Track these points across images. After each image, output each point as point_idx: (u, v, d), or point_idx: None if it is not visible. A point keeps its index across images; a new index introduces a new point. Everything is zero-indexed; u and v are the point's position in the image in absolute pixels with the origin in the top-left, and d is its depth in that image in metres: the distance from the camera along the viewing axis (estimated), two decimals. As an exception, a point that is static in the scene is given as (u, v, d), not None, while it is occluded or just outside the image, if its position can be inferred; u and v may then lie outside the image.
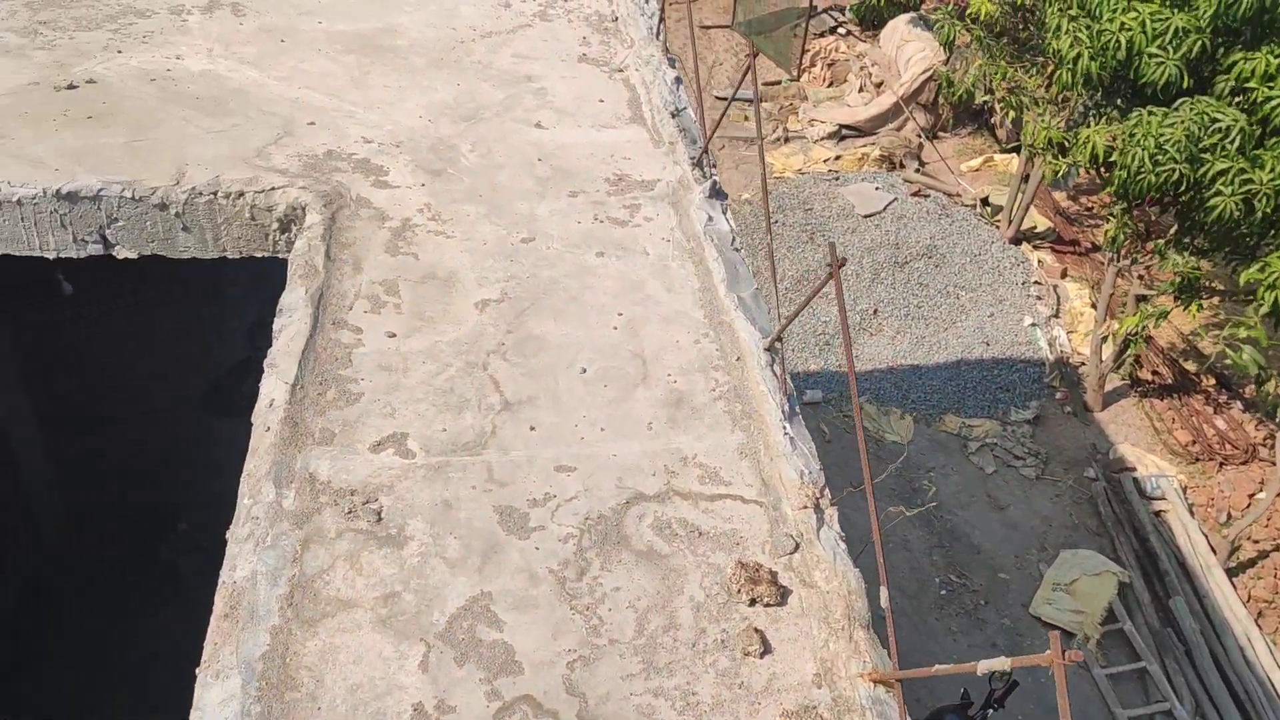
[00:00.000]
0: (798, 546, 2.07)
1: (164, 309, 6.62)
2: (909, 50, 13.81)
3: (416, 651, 1.86)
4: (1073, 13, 7.89)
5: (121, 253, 2.99)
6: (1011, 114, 9.97)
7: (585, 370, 2.46)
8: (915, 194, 11.35)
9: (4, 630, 5.90)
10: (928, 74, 13.40)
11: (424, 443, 2.25)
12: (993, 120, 12.35)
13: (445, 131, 3.28)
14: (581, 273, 2.75)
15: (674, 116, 3.38)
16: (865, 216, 10.49)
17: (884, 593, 1.74)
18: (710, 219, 2.94)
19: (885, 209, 10.85)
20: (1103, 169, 7.96)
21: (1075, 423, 8.90)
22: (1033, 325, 9.53)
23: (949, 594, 7.25)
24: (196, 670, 1.84)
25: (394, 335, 2.51)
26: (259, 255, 3.03)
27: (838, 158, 12.25)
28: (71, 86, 3.31)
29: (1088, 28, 7.76)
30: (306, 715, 1.75)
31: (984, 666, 1.52)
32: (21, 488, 5.87)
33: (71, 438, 6.03)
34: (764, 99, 13.33)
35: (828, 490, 2.17)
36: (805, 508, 2.11)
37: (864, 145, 12.09)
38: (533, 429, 2.30)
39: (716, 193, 3.05)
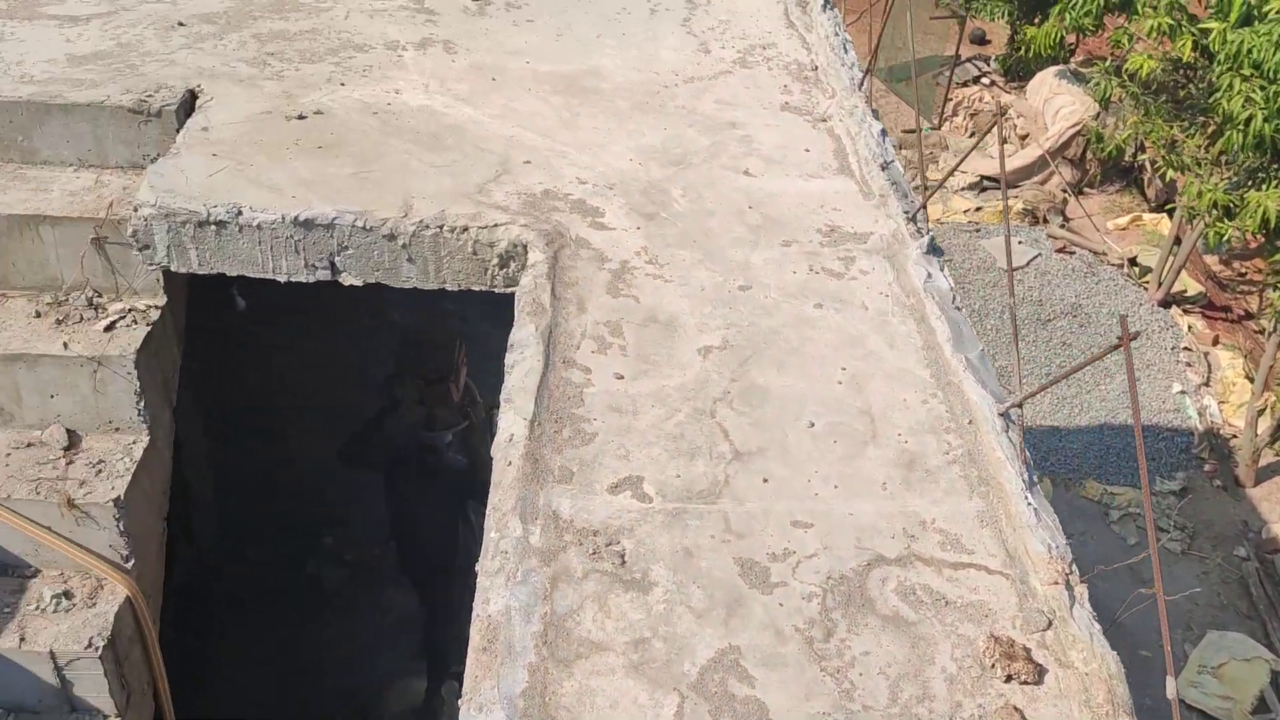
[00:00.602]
0: (1050, 624, 2.02)
1: (326, 329, 6.81)
2: (1057, 103, 13.56)
3: (671, 701, 1.86)
4: (1245, 72, 7.66)
5: (347, 279, 3.09)
6: (1166, 173, 9.70)
7: (813, 424, 2.45)
8: (1060, 250, 11.11)
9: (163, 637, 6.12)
10: (1076, 128, 13.16)
11: (659, 488, 2.26)
12: (1143, 178, 12.03)
13: (655, 175, 3.32)
14: (800, 324, 2.75)
15: (883, 169, 3.36)
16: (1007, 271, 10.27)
17: (1171, 683, 1.68)
18: (929, 276, 2.91)
19: (1028, 264, 10.64)
20: (1272, 235, 7.68)
21: (1225, 497, 8.55)
22: (1181, 393, 9.22)
23: (1092, 668, 6.96)
24: (456, 695, 1.87)
25: (622, 377, 2.54)
26: (476, 289, 3.10)
27: (978, 209, 12.07)
28: (301, 117, 3.45)
29: (1262, 88, 7.52)
30: (568, 757, 1.76)
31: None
32: (189, 497, 6.08)
33: (232, 449, 6.25)
34: (901, 146, 13.18)
35: (1075, 566, 2.11)
36: (1055, 584, 2.06)
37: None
38: (765, 481, 2.30)
39: (933, 249, 3.02)
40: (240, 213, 2.98)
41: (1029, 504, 2.21)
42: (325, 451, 6.26)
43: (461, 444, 5.65)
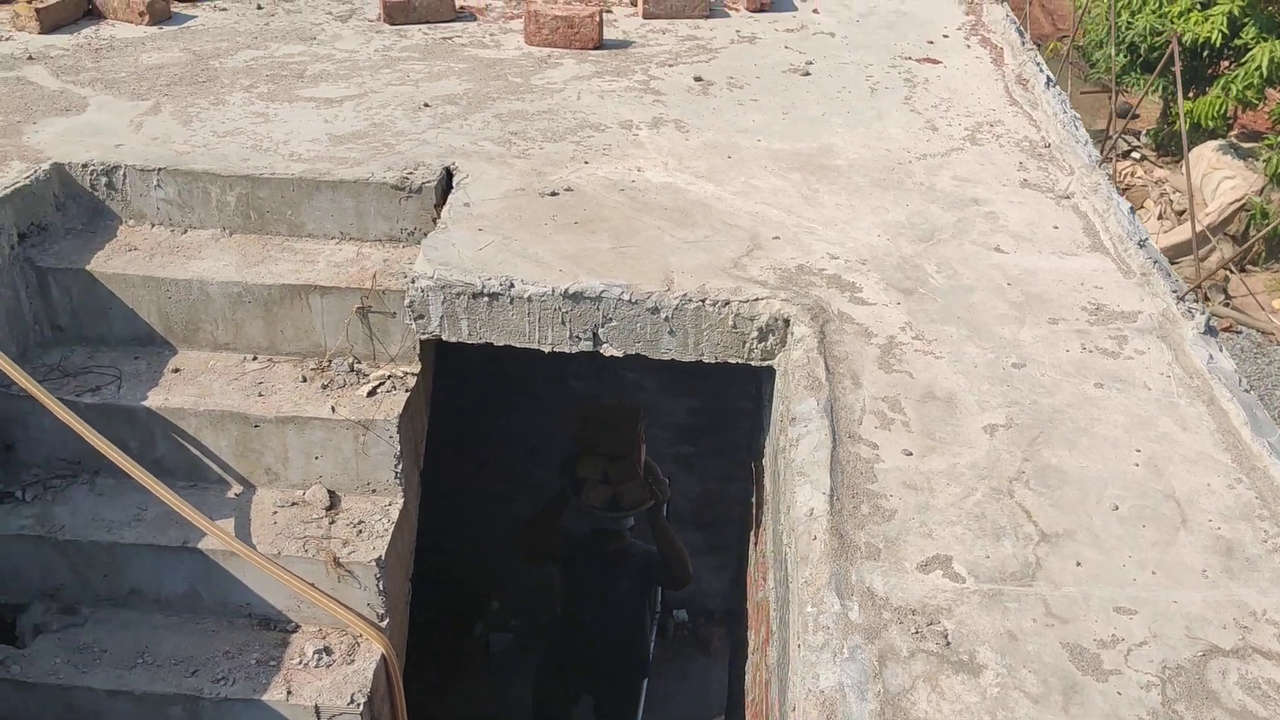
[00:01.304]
0: None
1: (504, 395, 6.98)
2: (1217, 178, 13.18)
3: (1022, 789, 1.81)
4: None
5: (608, 351, 3.16)
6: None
7: (1117, 508, 2.39)
8: (1225, 329, 10.71)
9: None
10: (1239, 204, 12.75)
11: (970, 567, 2.23)
12: (1312, 256, 11.56)
13: (907, 251, 3.33)
14: (1084, 403, 2.70)
15: (1140, 246, 3.31)
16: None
17: None
18: (1211, 357, 2.84)
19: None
20: None
21: None
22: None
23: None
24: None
25: (910, 454, 2.52)
26: (732, 361, 3.14)
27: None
28: (553, 193, 3.58)
29: None
30: (928, 842, 1.72)
31: None
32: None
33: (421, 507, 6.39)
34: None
35: None
36: None
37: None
38: (1079, 565, 2.25)
39: (1210, 329, 2.95)
40: (512, 285, 3.10)
41: (1372, 598, 2.11)
42: (499, 515, 6.35)
43: (646, 527, 5.35)
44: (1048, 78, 4.44)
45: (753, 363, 3.13)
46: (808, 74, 4.61)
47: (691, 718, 7.73)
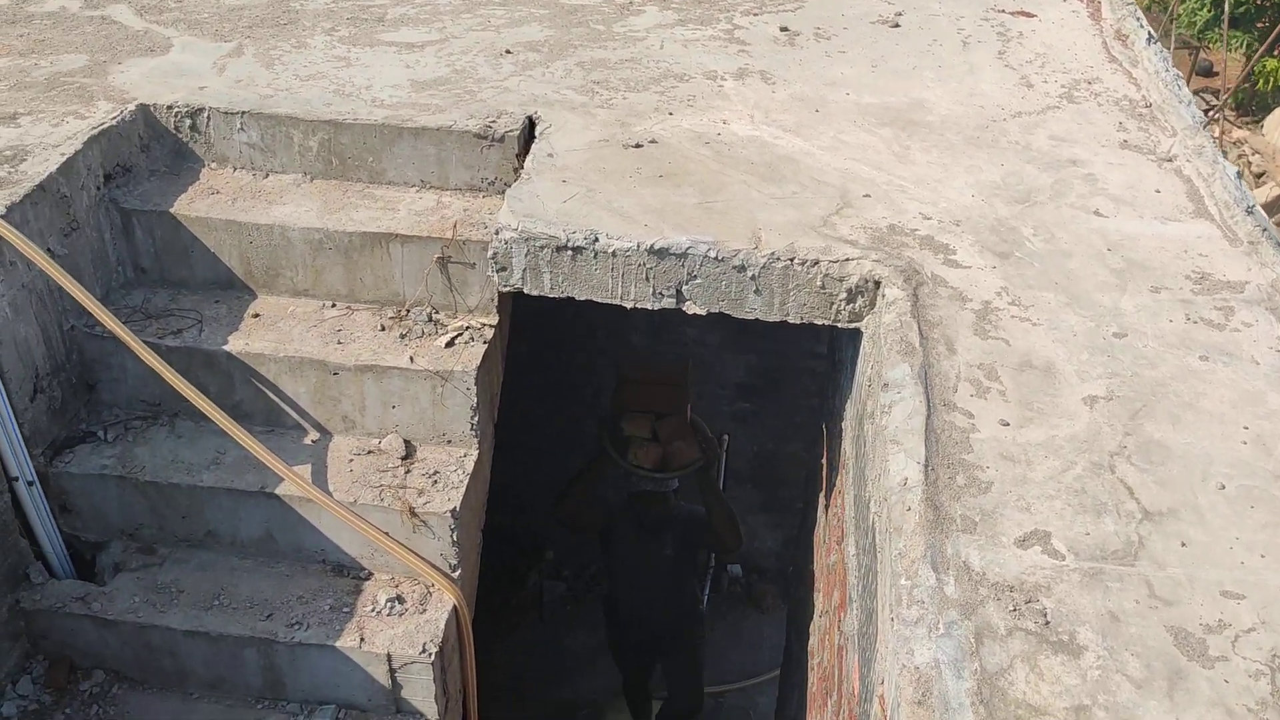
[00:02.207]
0: None
1: (563, 347, 6.94)
2: (1296, 142, 12.73)
3: (1126, 777, 1.75)
4: None
5: (691, 309, 3.10)
6: None
7: (1224, 487, 2.30)
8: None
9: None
10: (1322, 169, 12.27)
11: (1069, 545, 2.16)
12: None
13: (1002, 213, 3.22)
14: (1188, 376, 2.60)
15: (1248, 214, 3.16)
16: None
17: None
18: (1325, 332, 2.71)
19: None
20: None
21: None
22: None
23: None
24: None
25: (1007, 424, 2.44)
26: (819, 322, 3.07)
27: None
28: (638, 145, 3.51)
29: None
30: (1028, 827, 1.67)
31: None
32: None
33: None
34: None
35: None
36: None
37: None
38: (1183, 545, 2.16)
39: (1324, 303, 2.82)
40: (597, 239, 3.04)
41: None
42: (553, 468, 6.32)
43: (694, 488, 5.07)
44: (1148, 34, 4.25)
45: (839, 324, 3.06)
46: (897, 25, 4.46)
47: (743, 673, 7.74)
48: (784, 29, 4.42)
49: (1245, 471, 2.34)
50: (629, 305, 3.13)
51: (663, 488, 4.90)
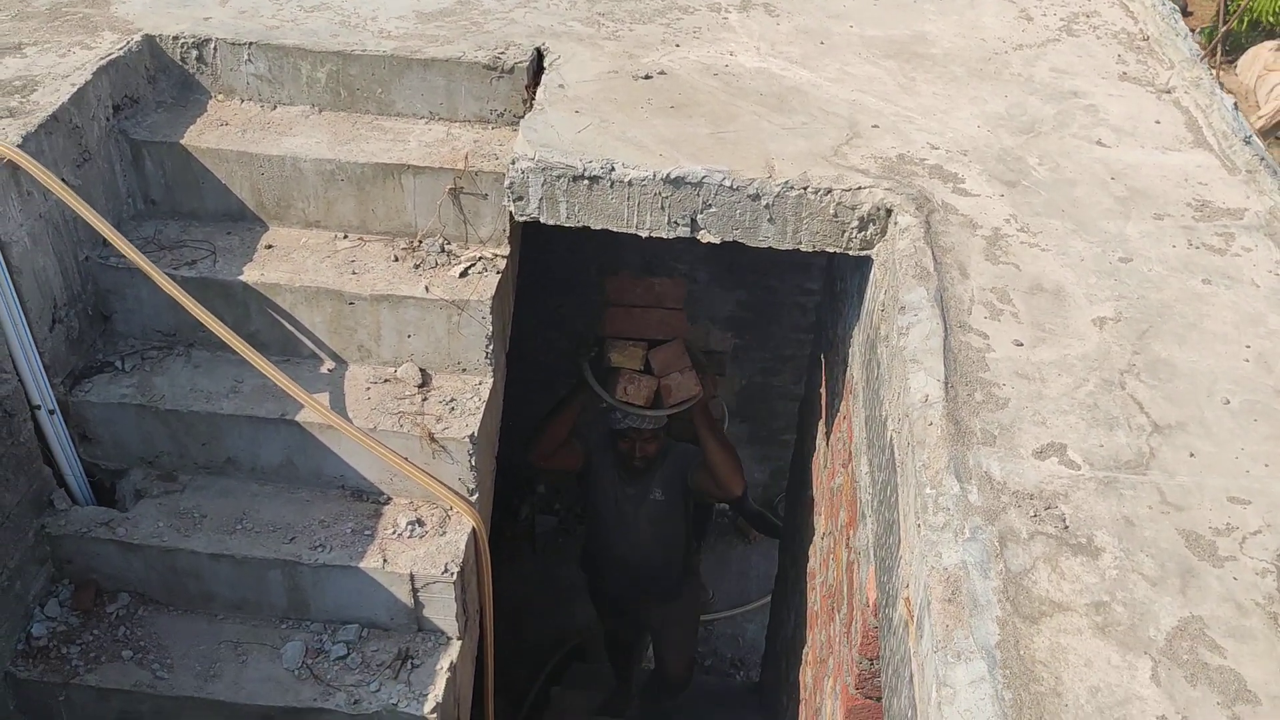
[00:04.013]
0: None
1: (557, 280, 6.97)
2: (1271, 80, 12.82)
3: (1144, 665, 1.88)
4: None
5: (705, 237, 3.17)
6: None
7: (1228, 401, 2.41)
8: None
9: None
10: (1295, 107, 12.37)
11: (1085, 455, 2.27)
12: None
13: (1007, 143, 3.29)
14: (1192, 298, 2.70)
15: (1246, 143, 3.26)
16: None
17: None
18: (1321, 256, 2.82)
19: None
20: None
21: None
22: None
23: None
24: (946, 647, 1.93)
25: (1021, 344, 2.54)
26: (830, 250, 3.14)
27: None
28: (647, 77, 3.54)
29: None
30: (1055, 710, 1.79)
31: None
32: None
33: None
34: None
35: None
36: None
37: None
38: (1192, 455, 2.28)
39: (1320, 229, 2.92)
40: (613, 169, 3.09)
41: None
42: (545, 403, 6.40)
43: (684, 425, 4.60)
44: (1145, -32, 4.31)
45: (850, 252, 3.14)
46: (896, -41, 4.48)
47: (731, 602, 7.91)
48: (785, -39, 4.43)
49: (1248, 387, 2.46)
50: (644, 234, 3.19)
51: (653, 424, 4.43)
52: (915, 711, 2.02)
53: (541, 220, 3.24)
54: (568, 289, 7.15)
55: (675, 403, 4.36)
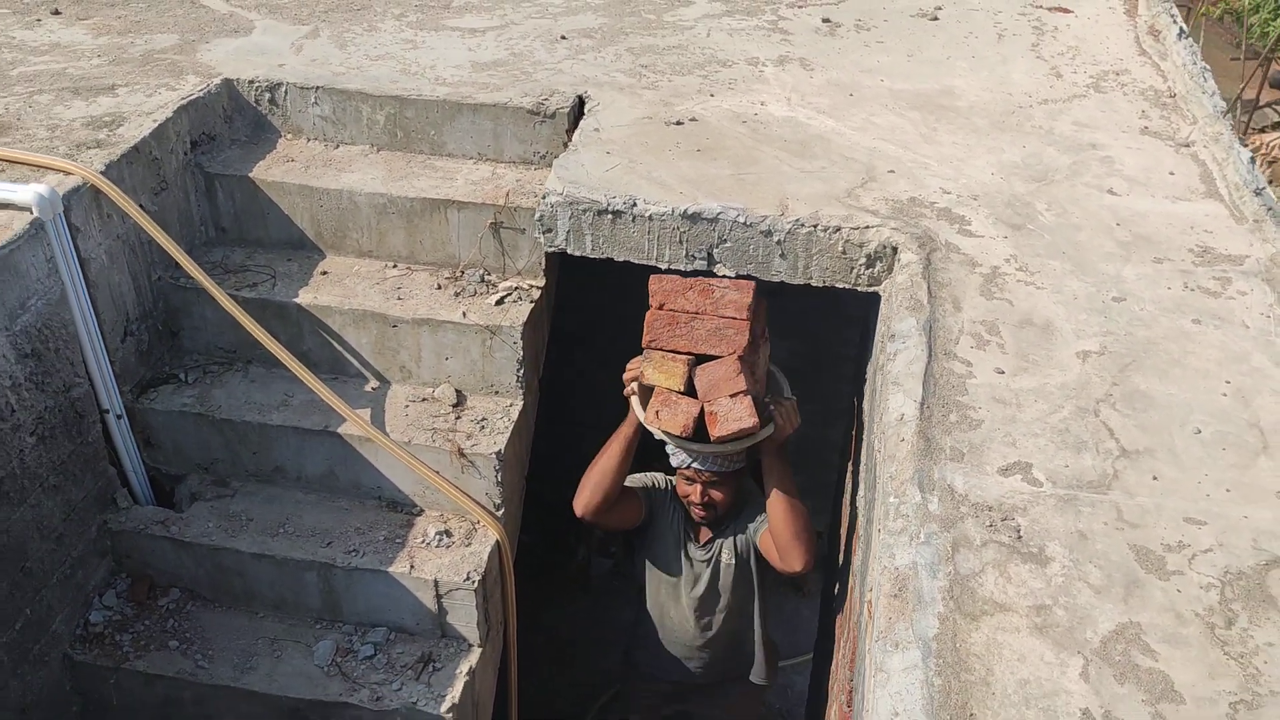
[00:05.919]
0: None
1: (624, 327, 7.16)
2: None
3: (1075, 663, 1.97)
4: None
5: (721, 270, 3.35)
6: None
7: (1199, 431, 2.49)
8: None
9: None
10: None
11: (1049, 474, 2.37)
12: None
13: (1019, 190, 3.42)
14: (1179, 337, 2.79)
15: (1256, 195, 3.33)
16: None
17: None
18: (1314, 300, 2.88)
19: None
20: None
21: None
22: None
23: None
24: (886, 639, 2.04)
25: (1002, 372, 2.66)
26: (839, 285, 3.29)
27: None
28: (679, 123, 3.77)
29: None
30: (982, 697, 1.90)
31: None
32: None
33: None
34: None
35: None
36: None
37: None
38: (1155, 479, 2.37)
39: (1317, 275, 2.98)
40: (635, 204, 3.30)
41: None
42: (599, 443, 6.46)
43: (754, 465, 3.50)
44: (1180, 29, 4.41)
45: (859, 288, 3.28)
46: (935, 19, 4.67)
47: (783, 654, 7.89)
48: (826, 20, 4.65)
49: (1222, 419, 2.54)
50: (663, 266, 3.38)
51: (717, 465, 3.38)
52: (863, 699, 2.14)
53: (569, 251, 3.46)
54: (623, 325, 7.32)
55: (724, 435, 3.12)
